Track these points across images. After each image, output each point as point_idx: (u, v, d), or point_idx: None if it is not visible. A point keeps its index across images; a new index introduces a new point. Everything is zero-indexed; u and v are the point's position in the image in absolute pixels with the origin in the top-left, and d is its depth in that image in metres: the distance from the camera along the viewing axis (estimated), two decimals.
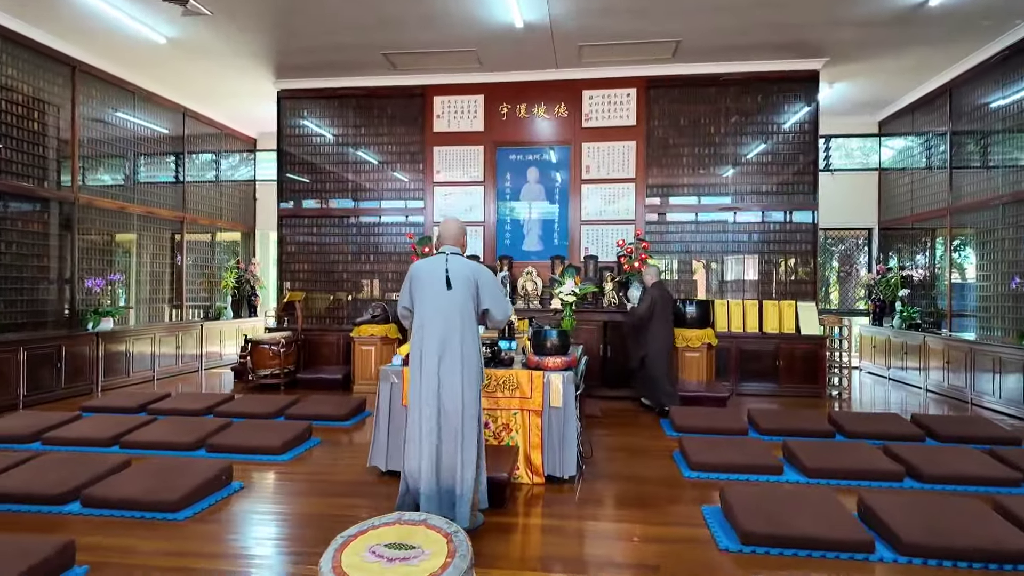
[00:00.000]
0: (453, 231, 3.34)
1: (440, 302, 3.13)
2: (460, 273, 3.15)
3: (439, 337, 3.11)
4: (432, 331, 3.13)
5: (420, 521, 2.57)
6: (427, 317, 3.16)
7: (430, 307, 3.15)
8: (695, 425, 5.20)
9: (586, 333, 6.97)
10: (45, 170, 7.06)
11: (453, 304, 3.12)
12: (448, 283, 3.12)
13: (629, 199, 7.66)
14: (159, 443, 4.63)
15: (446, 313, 3.12)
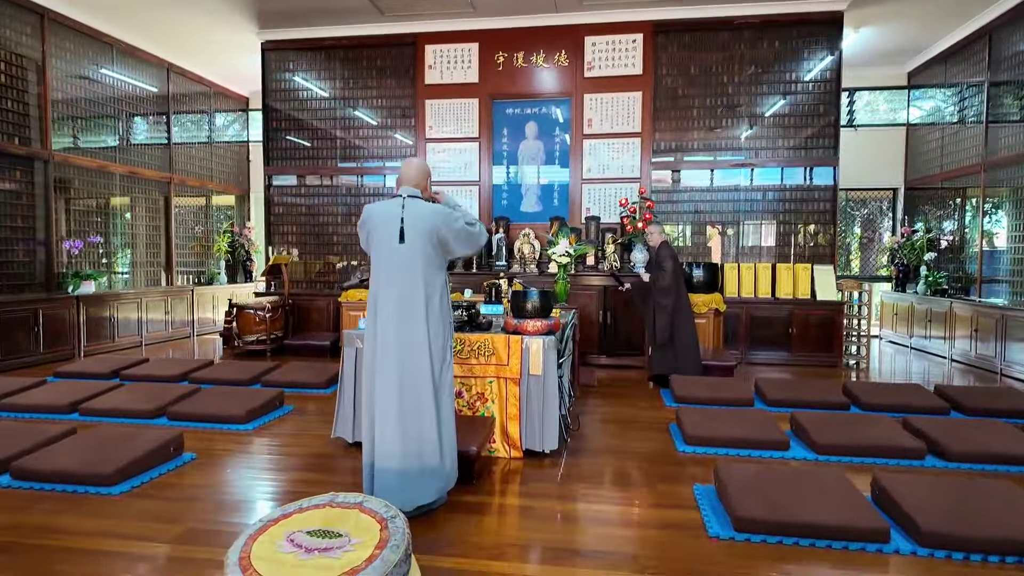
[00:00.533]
0: (413, 171, 2.90)
1: (395, 259, 2.73)
2: (419, 224, 2.72)
3: (396, 299, 2.73)
4: (388, 293, 2.75)
5: (355, 504, 2.22)
6: (381, 275, 2.78)
7: (385, 264, 2.76)
8: (696, 395, 4.80)
9: (584, 298, 6.55)
10: (17, 126, 6.72)
11: (413, 261, 2.72)
12: (402, 235, 2.71)
13: (634, 155, 7.14)
14: (118, 411, 4.35)
15: (403, 271, 2.72)
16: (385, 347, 2.72)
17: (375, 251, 2.81)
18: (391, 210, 2.77)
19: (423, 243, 2.72)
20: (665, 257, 5.50)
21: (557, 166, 7.33)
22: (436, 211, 2.76)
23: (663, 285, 5.44)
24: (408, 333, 2.71)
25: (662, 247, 5.58)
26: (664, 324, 5.43)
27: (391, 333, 2.72)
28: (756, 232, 7.31)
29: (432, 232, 2.73)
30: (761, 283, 6.90)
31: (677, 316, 5.45)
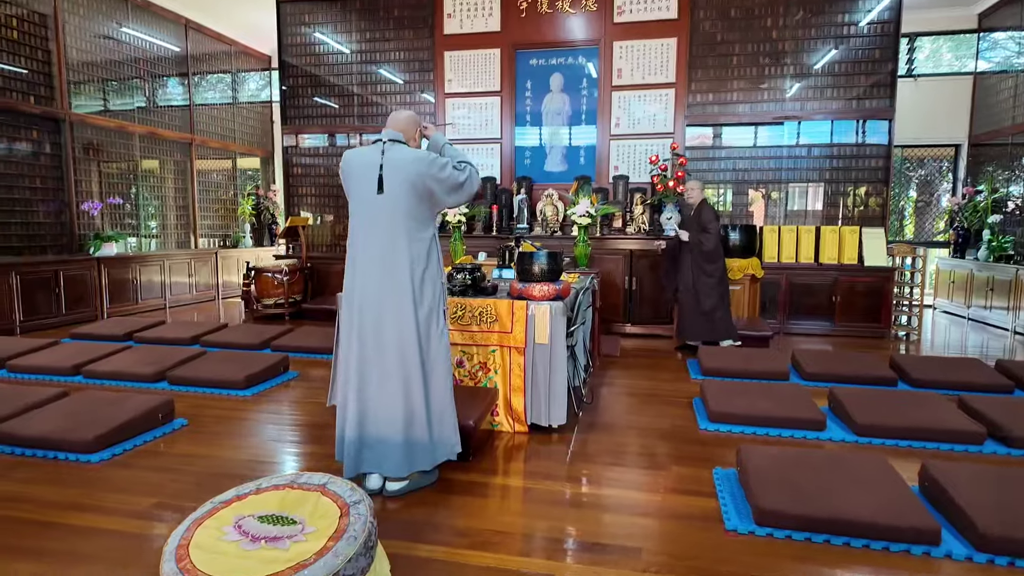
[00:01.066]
0: (401, 117, 2.60)
1: (374, 212, 2.43)
2: (399, 172, 2.39)
3: (375, 257, 2.43)
4: (367, 251, 2.45)
5: (318, 486, 1.98)
6: (359, 231, 2.48)
7: (363, 218, 2.47)
8: (725, 367, 4.43)
9: (609, 262, 6.17)
10: (31, 84, 6.62)
11: (394, 214, 2.41)
12: (380, 185, 2.40)
13: (667, 109, 6.63)
14: (119, 374, 4.25)
15: (383, 226, 2.42)
16: (364, 312, 2.45)
17: (352, 203, 2.52)
18: (370, 156, 2.45)
19: (405, 194, 2.40)
20: (710, 218, 5.09)
21: (583, 122, 6.88)
22: (419, 157, 2.44)
23: (708, 249, 5.06)
24: (390, 297, 2.43)
25: (704, 207, 5.16)
26: (711, 290, 5.10)
27: (371, 297, 2.44)
28: (801, 195, 6.75)
29: (415, 181, 2.40)
30: (803, 247, 6.39)
31: (723, 280, 5.16)
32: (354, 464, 2.48)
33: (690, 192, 5.27)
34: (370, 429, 2.47)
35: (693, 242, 5.13)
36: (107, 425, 3.03)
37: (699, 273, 5.15)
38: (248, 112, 10.01)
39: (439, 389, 2.53)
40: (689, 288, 5.23)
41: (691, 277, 5.20)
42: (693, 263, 5.17)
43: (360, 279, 2.46)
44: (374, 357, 2.44)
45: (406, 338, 2.43)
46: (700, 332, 5.21)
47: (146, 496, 2.54)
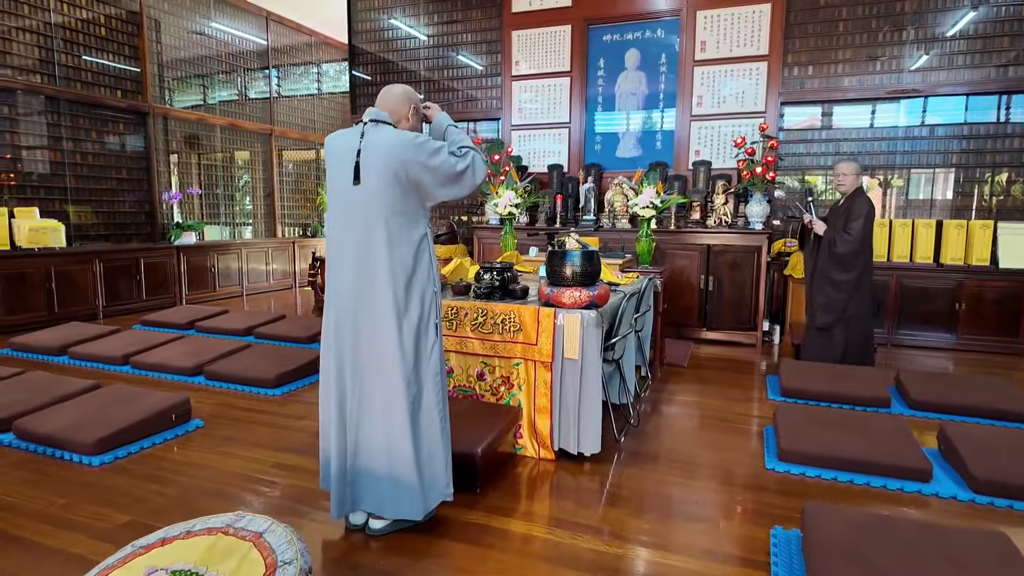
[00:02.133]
0: (391, 95, 2.17)
1: (349, 206, 2.05)
2: (378, 158, 1.99)
3: (351, 259, 2.07)
4: (341, 251, 2.10)
5: (253, 534, 1.67)
6: (334, 227, 2.13)
7: (338, 212, 2.11)
8: (809, 387, 3.75)
9: (682, 259, 5.53)
10: (117, 79, 6.91)
11: (371, 208, 2.01)
12: (356, 174, 2.03)
13: (758, 85, 5.84)
14: (162, 366, 4.24)
15: (360, 222, 2.04)
16: (339, 324, 2.12)
17: (328, 194, 2.16)
18: (348, 140, 2.06)
19: (384, 184, 2.00)
20: (860, 213, 4.08)
21: (661, 102, 6.22)
22: (404, 140, 2.02)
23: (842, 252, 4.11)
24: (366, 307, 2.07)
25: (858, 198, 4.15)
26: (832, 304, 4.19)
27: (345, 307, 2.10)
28: (924, 183, 5.74)
29: (397, 169, 1.99)
30: (920, 244, 5.42)
31: (868, 295, 4.19)
32: (339, 503, 2.16)
33: (841, 178, 4.26)
34: (352, 460, 2.15)
35: (826, 239, 4.22)
36: (113, 426, 2.92)
37: (824, 280, 4.23)
38: (328, 102, 10.11)
39: (429, 421, 2.15)
40: (808, 294, 4.39)
41: (814, 281, 4.34)
42: (821, 265, 4.27)
43: (334, 285, 2.13)
44: (351, 378, 2.11)
45: (386, 358, 2.07)
46: (813, 351, 4.35)
47: (124, 511, 2.36)
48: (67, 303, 6.06)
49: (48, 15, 6.22)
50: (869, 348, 4.29)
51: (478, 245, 6.26)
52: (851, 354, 4.26)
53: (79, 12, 6.48)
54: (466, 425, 2.61)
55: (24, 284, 5.71)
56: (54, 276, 5.93)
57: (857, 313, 4.21)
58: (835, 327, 4.25)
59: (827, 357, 4.29)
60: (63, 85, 6.36)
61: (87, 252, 6.26)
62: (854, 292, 4.18)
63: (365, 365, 2.09)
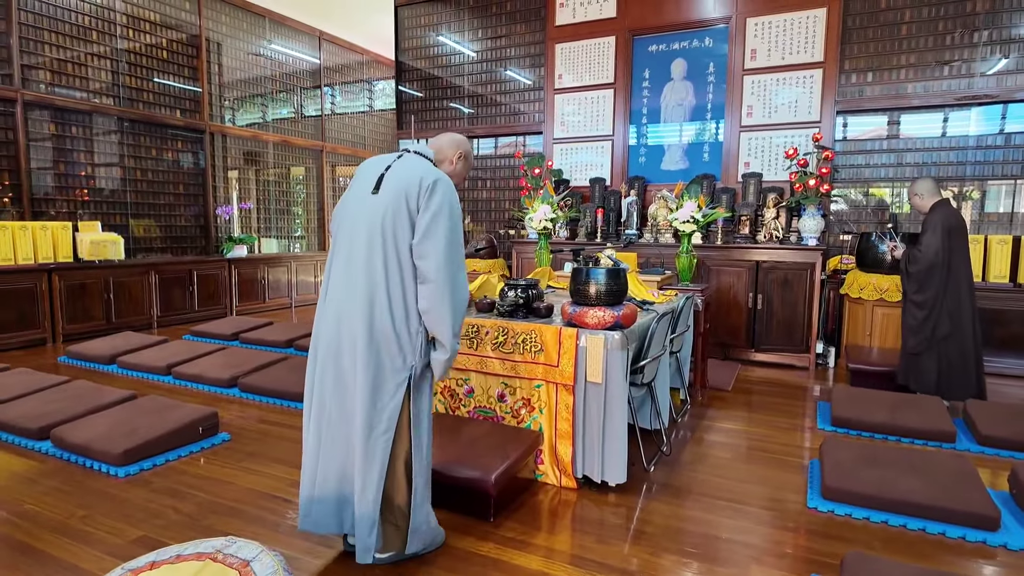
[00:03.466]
0: (444, 138, 2.29)
1: (361, 210, 1.97)
2: (402, 175, 1.95)
3: (344, 261, 1.98)
4: (339, 255, 2.00)
5: (241, 561, 1.61)
6: (340, 232, 2.04)
7: (348, 218, 2.01)
8: (864, 417, 3.46)
9: (729, 275, 5.27)
10: (176, 98, 7.22)
11: (383, 215, 1.91)
12: (378, 184, 1.97)
13: (812, 93, 5.54)
14: (200, 377, 4.32)
15: (366, 226, 1.93)
16: (326, 335, 2.01)
17: (343, 201, 2.09)
18: (382, 159, 2.07)
19: (398, 198, 1.92)
20: (928, 227, 3.84)
21: (709, 112, 6.00)
22: (430, 173, 1.96)
23: (914, 271, 3.87)
24: (353, 318, 1.92)
25: (931, 213, 3.88)
26: (917, 326, 3.89)
27: (331, 328, 1.98)
28: (1002, 195, 5.29)
29: (410, 189, 1.91)
30: (994, 262, 4.98)
31: (952, 314, 3.83)
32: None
33: (915, 199, 4.02)
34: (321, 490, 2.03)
35: (902, 259, 3.98)
36: (141, 438, 2.96)
37: (906, 302, 3.98)
38: (379, 119, 10.30)
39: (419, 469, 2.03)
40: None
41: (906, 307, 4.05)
42: (904, 283, 4.02)
43: (329, 299, 2.02)
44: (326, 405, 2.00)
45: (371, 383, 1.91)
46: (914, 379, 4.00)
47: (138, 526, 2.37)
48: (124, 313, 6.33)
49: (115, 40, 6.57)
50: (971, 374, 3.88)
51: (517, 260, 6.17)
52: (949, 381, 3.89)
53: (144, 37, 6.82)
54: (482, 449, 2.50)
55: (85, 294, 5.99)
56: (112, 287, 6.20)
57: (949, 335, 3.85)
58: (926, 352, 3.91)
59: (922, 386, 3.94)
60: (126, 105, 6.69)
61: (143, 264, 6.53)
62: (938, 312, 3.85)
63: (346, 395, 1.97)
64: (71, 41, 6.21)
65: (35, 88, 5.93)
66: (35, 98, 5.92)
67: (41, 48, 5.97)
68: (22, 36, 5.80)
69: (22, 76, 5.81)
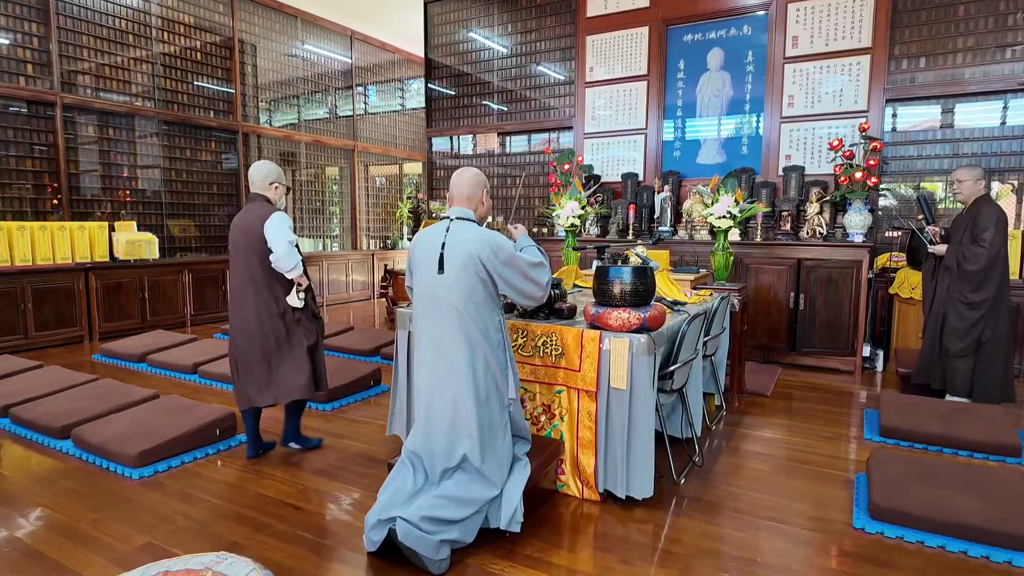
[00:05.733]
0: (465, 185, 2.31)
1: (433, 291, 2.21)
2: (460, 248, 2.16)
3: (431, 341, 2.23)
4: (424, 333, 2.26)
5: None
6: (419, 311, 2.29)
7: (423, 298, 2.26)
8: (916, 427, 3.19)
9: (769, 274, 5.01)
10: (210, 99, 7.30)
11: (452, 292, 2.16)
12: (441, 264, 2.17)
13: (858, 81, 5.22)
14: (224, 376, 4.29)
15: (440, 305, 2.19)
16: (420, 396, 2.29)
17: (415, 284, 2.31)
18: (435, 235, 2.24)
19: (465, 272, 2.15)
20: (989, 222, 3.53)
21: (748, 103, 5.72)
22: (483, 236, 2.18)
23: (973, 269, 3.56)
24: (443, 390, 2.20)
25: (984, 206, 3.60)
26: (965, 329, 3.61)
27: (423, 385, 2.27)
28: None
29: (475, 258, 2.14)
30: None
31: (991, 316, 3.59)
32: None
33: (957, 186, 3.73)
34: None
35: (954, 259, 3.65)
36: (157, 439, 2.93)
37: (955, 302, 3.66)
38: (410, 117, 10.27)
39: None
40: (937, 314, 3.77)
41: (941, 302, 3.75)
42: (950, 286, 3.69)
43: (419, 371, 2.30)
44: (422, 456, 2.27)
45: (460, 448, 2.18)
46: (928, 372, 3.81)
47: (145, 532, 2.31)
48: (159, 311, 6.42)
49: (151, 44, 6.67)
50: (1008, 381, 3.65)
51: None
52: (985, 387, 3.63)
53: (178, 39, 6.91)
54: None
55: (120, 293, 6.10)
56: (147, 286, 6.29)
57: (993, 337, 3.60)
58: (965, 356, 3.64)
59: (954, 388, 3.69)
60: (161, 107, 6.78)
61: (177, 263, 6.62)
62: (989, 313, 3.59)
63: (437, 455, 2.22)
64: (108, 45, 6.32)
65: (74, 91, 6.05)
66: (74, 101, 6.04)
67: (80, 52, 6.09)
68: (61, 40, 5.93)
69: (61, 80, 5.94)
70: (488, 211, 2.39)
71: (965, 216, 3.74)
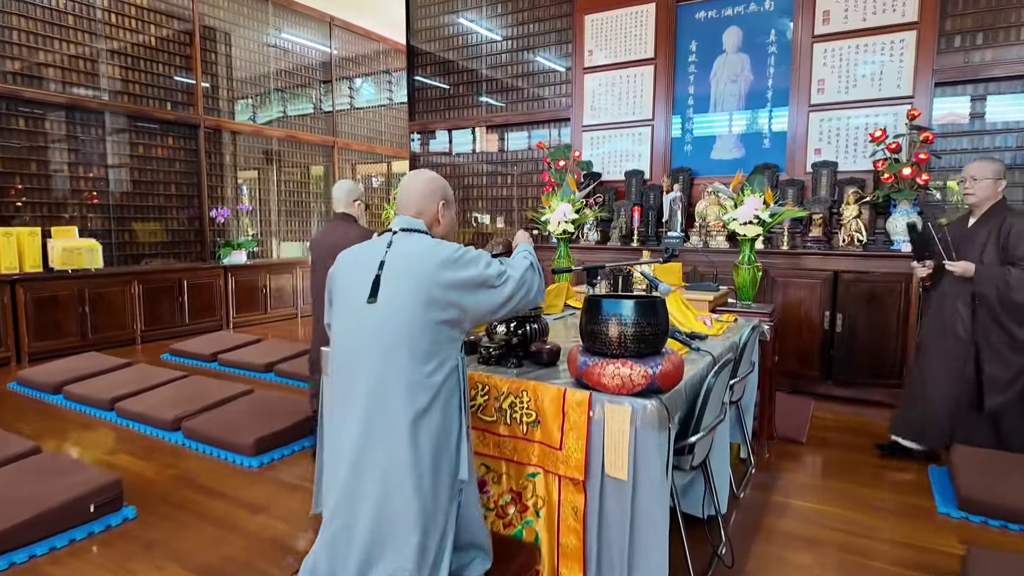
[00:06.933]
0: (414, 194, 1.66)
1: (361, 330, 1.50)
2: (405, 269, 1.49)
3: (353, 407, 1.47)
4: (342, 394, 1.52)
5: None
6: (337, 361, 1.55)
7: (343, 340, 1.55)
8: (1012, 501, 2.42)
9: (799, 289, 4.25)
10: (166, 90, 6.57)
11: (392, 331, 1.45)
12: (374, 290, 1.48)
13: (901, 62, 4.45)
14: (143, 416, 3.56)
15: (373, 350, 1.47)
16: (337, 484, 1.49)
17: (334, 316, 1.62)
18: (370, 252, 1.55)
19: (411, 301, 1.45)
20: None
21: (770, 90, 4.96)
22: (439, 249, 1.51)
23: (1018, 300, 2.72)
24: (366, 478, 1.44)
25: (1014, 218, 2.80)
26: (1007, 379, 2.78)
27: (337, 468, 1.49)
28: None
29: (426, 280, 1.46)
30: None
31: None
32: None
33: (971, 184, 2.88)
34: None
35: (993, 285, 2.77)
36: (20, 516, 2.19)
37: (991, 343, 2.82)
38: (397, 112, 9.53)
39: None
40: (952, 356, 2.91)
41: (963, 342, 2.89)
42: (985, 317, 2.83)
43: (334, 435, 1.54)
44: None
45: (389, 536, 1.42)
46: (938, 434, 2.96)
47: None
48: (103, 327, 5.69)
49: (94, 26, 5.95)
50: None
51: None
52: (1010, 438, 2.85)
53: (129, 22, 6.19)
54: None
55: (56, 308, 5.37)
56: (88, 299, 5.56)
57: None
58: (1010, 410, 2.83)
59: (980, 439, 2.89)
60: (110, 98, 6.06)
61: (125, 273, 5.89)
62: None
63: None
64: (46, 27, 5.60)
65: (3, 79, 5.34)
66: (2, 90, 5.33)
67: (8, 35, 5.37)
68: None
69: None
70: (449, 230, 1.75)
71: (977, 229, 2.89)
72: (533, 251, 1.78)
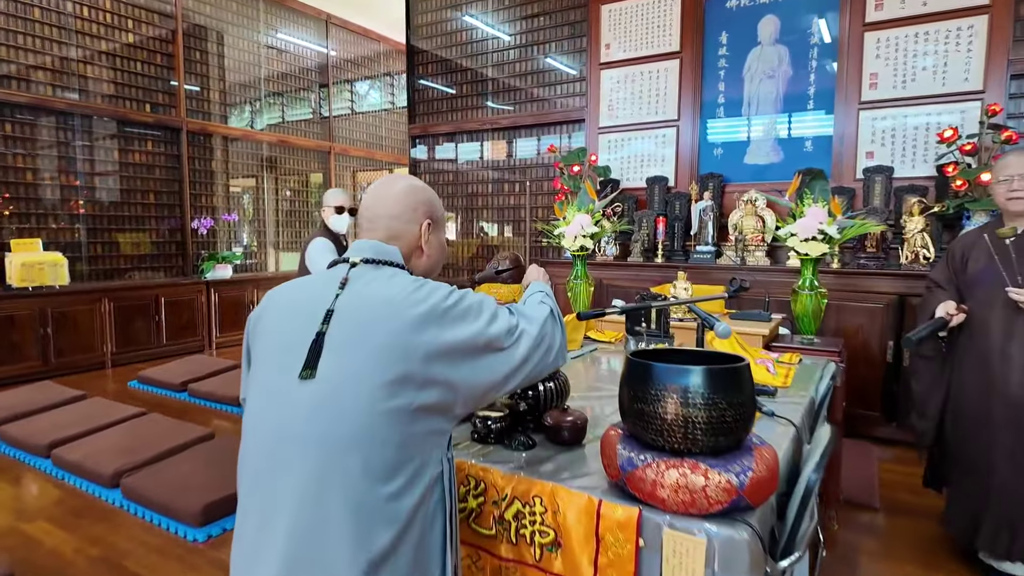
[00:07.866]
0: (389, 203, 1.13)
1: (286, 420, 0.93)
2: (366, 329, 0.94)
3: (279, 542, 0.89)
4: (260, 517, 0.94)
5: None
6: (250, 464, 0.98)
7: (259, 434, 0.98)
8: None
9: (856, 315, 3.63)
10: (146, 91, 6.06)
11: (325, 435, 0.90)
12: (312, 358, 0.93)
13: (969, 53, 3.86)
14: (79, 468, 2.99)
15: (301, 458, 0.91)
16: None
17: (251, 392, 1.05)
18: (312, 294, 1.02)
19: (371, 378, 0.90)
20: None
21: (812, 87, 4.37)
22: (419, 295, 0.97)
23: None
24: None
25: None
26: None
27: None
28: None
29: (399, 349, 0.92)
30: None
31: None
32: None
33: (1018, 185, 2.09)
34: None
35: None
36: None
37: None
38: (398, 117, 9.01)
39: None
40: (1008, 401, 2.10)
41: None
42: None
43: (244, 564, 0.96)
44: None
45: None
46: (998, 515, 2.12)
47: None
48: (68, 351, 5.15)
49: (65, 20, 5.45)
50: None
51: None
52: None
53: (105, 16, 5.70)
54: None
55: (13, 329, 4.83)
56: (51, 319, 5.03)
57: None
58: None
59: None
60: (82, 99, 5.56)
61: (93, 290, 5.36)
62: None
63: None
64: (10, 21, 5.10)
65: None
66: None
67: None
68: None
69: None
70: (437, 262, 1.20)
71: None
72: (551, 294, 1.21)
